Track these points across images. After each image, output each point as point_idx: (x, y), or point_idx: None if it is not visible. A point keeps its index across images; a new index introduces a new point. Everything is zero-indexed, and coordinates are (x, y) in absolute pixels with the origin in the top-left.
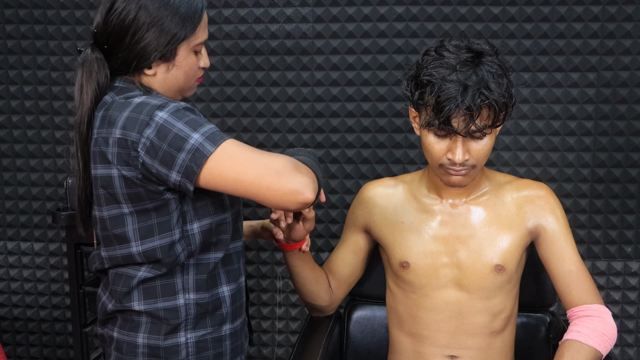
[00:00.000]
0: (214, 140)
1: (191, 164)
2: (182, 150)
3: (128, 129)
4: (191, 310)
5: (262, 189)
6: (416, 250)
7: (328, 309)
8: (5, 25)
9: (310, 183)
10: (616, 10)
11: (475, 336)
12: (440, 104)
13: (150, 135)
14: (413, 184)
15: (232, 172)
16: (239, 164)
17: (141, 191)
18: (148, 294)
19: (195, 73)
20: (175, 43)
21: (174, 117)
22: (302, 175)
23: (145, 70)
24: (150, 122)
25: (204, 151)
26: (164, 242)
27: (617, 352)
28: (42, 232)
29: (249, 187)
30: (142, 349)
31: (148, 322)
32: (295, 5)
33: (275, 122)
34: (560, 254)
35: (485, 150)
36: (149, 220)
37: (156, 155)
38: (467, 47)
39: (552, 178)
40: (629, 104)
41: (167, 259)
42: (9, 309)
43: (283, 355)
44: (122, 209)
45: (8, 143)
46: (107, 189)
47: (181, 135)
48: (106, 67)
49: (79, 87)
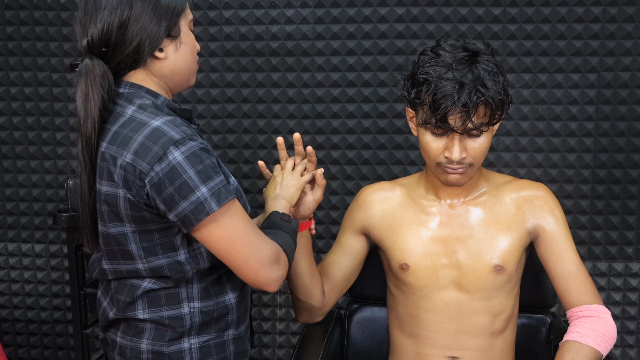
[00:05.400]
0: (220, 198)
1: (190, 215)
2: (186, 200)
3: (139, 156)
4: (196, 318)
5: (243, 268)
6: (415, 252)
7: (319, 312)
8: (6, 27)
9: (281, 278)
10: (617, 12)
11: (476, 337)
12: (437, 101)
13: (161, 172)
14: (411, 186)
15: (225, 242)
16: (236, 240)
17: (145, 215)
18: (153, 303)
19: (196, 55)
20: (177, 17)
21: (188, 162)
22: (279, 270)
23: (157, 54)
24: (164, 157)
25: (207, 207)
26: (170, 261)
27: (618, 353)
28: (43, 233)
29: (232, 261)
30: (146, 354)
31: (152, 328)
32: (295, 6)
33: (276, 124)
34: (560, 254)
35: (482, 149)
36: (152, 240)
37: (160, 193)
38: (463, 46)
39: (553, 179)
40: (630, 105)
41: (175, 275)
42: (9, 310)
43: (284, 357)
44: (125, 227)
45: (9, 144)
46: (111, 207)
47: (190, 185)
48: (110, 73)
49: (83, 97)
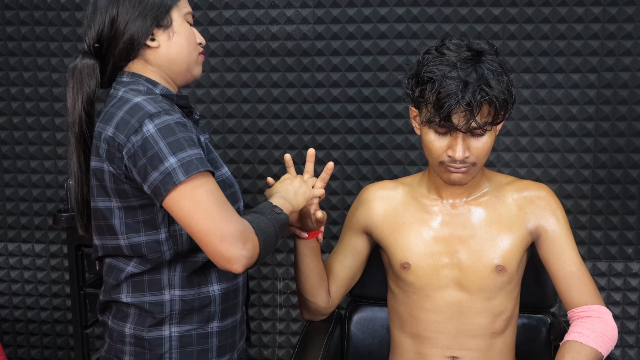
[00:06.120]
0: (188, 169)
1: (160, 186)
2: (156, 170)
3: (119, 130)
4: (176, 306)
5: (203, 241)
6: (417, 251)
7: (324, 311)
8: (6, 27)
9: (246, 258)
10: (617, 12)
11: (476, 337)
12: (441, 100)
13: (136, 144)
14: (413, 185)
15: (187, 214)
16: (196, 211)
17: (127, 188)
18: (136, 287)
19: (195, 45)
20: (166, 8)
21: (160, 134)
22: (243, 249)
23: (149, 43)
24: (139, 130)
25: (174, 177)
26: (150, 239)
27: (618, 354)
28: (43, 233)
29: (194, 234)
30: (129, 338)
31: (136, 313)
32: (295, 6)
33: (276, 124)
34: (561, 254)
35: (485, 148)
36: (136, 217)
37: (135, 165)
38: (467, 46)
39: (553, 179)
40: (630, 105)
41: (151, 255)
42: (10, 310)
43: (284, 357)
44: (111, 202)
45: (9, 144)
46: (99, 182)
47: (159, 156)
48: (96, 73)
49: (70, 95)
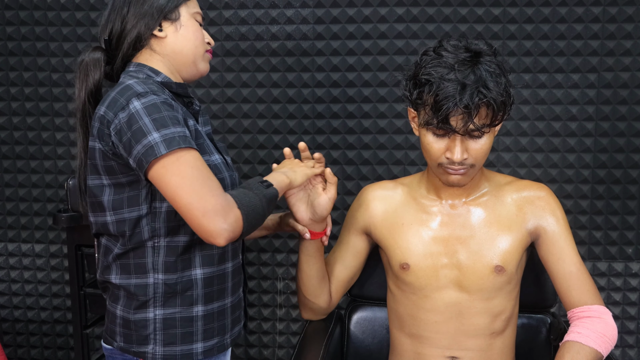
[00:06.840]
0: (170, 144)
1: (142, 158)
2: (139, 143)
3: (109, 108)
4: (159, 289)
5: (187, 215)
6: (416, 252)
7: (325, 311)
8: (6, 27)
9: (227, 232)
10: (617, 12)
11: (476, 337)
12: (439, 102)
13: (123, 120)
14: (412, 185)
15: (171, 187)
16: (180, 185)
17: (114, 165)
18: (124, 270)
19: (202, 41)
20: (174, 4)
21: (145, 111)
22: (225, 222)
23: (156, 32)
24: (126, 107)
25: (156, 150)
26: (132, 216)
27: (618, 354)
28: (43, 233)
29: (178, 208)
30: (119, 320)
31: (124, 296)
32: (295, 6)
33: (276, 124)
34: (561, 254)
35: (483, 150)
36: (122, 193)
37: (121, 140)
38: (465, 47)
39: (553, 179)
40: (630, 105)
41: (130, 231)
42: (9, 310)
43: (284, 357)
44: (102, 180)
45: (9, 145)
46: (91, 160)
47: (143, 130)
48: (101, 65)
49: (77, 84)
